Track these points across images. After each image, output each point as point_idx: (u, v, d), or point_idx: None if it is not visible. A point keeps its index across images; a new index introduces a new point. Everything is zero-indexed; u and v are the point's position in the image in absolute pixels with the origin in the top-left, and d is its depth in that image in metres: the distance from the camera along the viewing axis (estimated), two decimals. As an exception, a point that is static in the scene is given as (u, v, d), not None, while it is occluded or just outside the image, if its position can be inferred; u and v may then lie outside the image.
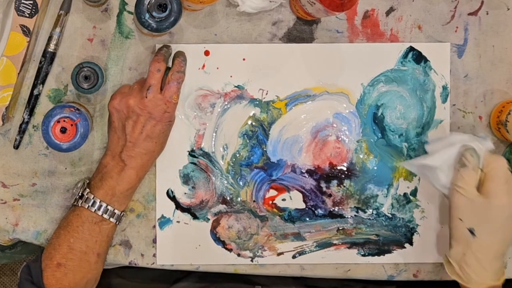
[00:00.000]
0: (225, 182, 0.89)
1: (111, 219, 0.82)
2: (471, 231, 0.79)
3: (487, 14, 0.90)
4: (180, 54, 0.84)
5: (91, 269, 0.82)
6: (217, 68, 0.88)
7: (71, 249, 0.80)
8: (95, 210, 0.81)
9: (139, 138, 0.80)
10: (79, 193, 0.82)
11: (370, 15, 0.89)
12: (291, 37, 0.89)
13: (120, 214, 0.82)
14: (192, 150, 0.88)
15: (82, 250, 0.81)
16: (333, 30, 0.89)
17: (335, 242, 0.90)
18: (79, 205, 0.81)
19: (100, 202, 0.81)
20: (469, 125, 0.90)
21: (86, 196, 0.81)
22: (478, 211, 0.79)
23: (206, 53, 0.88)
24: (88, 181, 0.83)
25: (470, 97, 0.90)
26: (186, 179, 0.88)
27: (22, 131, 0.86)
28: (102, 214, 0.81)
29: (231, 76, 0.88)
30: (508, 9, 0.90)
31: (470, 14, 0.90)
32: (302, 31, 0.89)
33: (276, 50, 0.88)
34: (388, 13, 0.89)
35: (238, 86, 0.88)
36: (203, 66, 0.88)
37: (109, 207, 0.81)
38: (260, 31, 0.88)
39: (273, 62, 0.88)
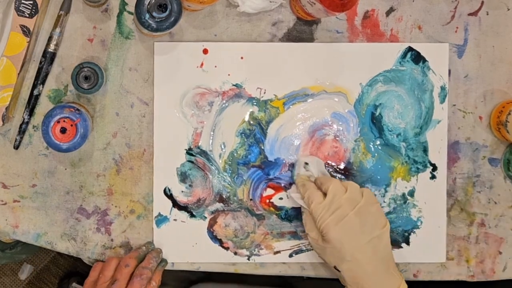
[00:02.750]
0: (222, 180, 0.89)
1: None
2: (336, 268, 0.81)
3: (487, 14, 0.90)
4: (154, 251, 0.86)
5: None
6: (215, 66, 0.88)
7: None
8: None
9: None
10: None
11: (370, 15, 0.89)
12: (291, 37, 0.89)
13: None
14: (190, 148, 0.88)
15: None
16: (333, 31, 0.89)
17: (332, 241, 0.90)
18: None
19: None
20: (469, 125, 0.90)
21: None
22: (327, 250, 0.81)
23: (205, 51, 0.88)
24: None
25: (470, 97, 0.90)
26: (183, 177, 0.88)
27: (22, 131, 0.86)
28: None
29: (229, 75, 0.88)
30: (508, 9, 0.90)
31: (470, 14, 0.90)
32: (302, 31, 0.89)
33: (275, 49, 0.88)
34: (388, 13, 0.89)
35: (236, 85, 0.88)
36: (201, 64, 0.88)
37: None
38: (260, 31, 0.88)
39: (272, 61, 0.88)
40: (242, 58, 0.88)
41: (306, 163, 0.86)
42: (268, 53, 0.88)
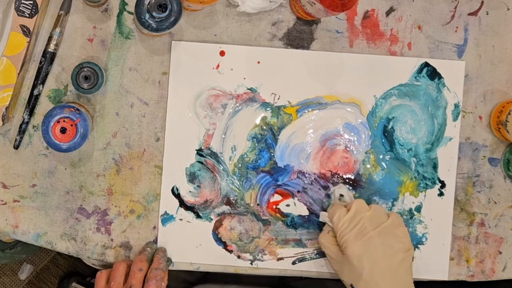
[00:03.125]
0: (231, 183, 0.88)
1: None
2: (353, 287, 0.79)
3: (487, 14, 0.90)
4: (160, 251, 0.86)
5: None
6: (231, 69, 0.88)
7: None
8: None
9: None
10: None
11: (370, 15, 0.89)
12: (291, 37, 0.88)
13: None
14: (200, 149, 0.88)
15: None
16: (333, 31, 0.89)
17: (336, 251, 0.90)
18: None
19: None
20: (469, 125, 0.90)
21: None
22: (345, 267, 0.80)
23: (222, 53, 0.88)
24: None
25: (470, 97, 0.90)
26: (192, 177, 0.88)
27: (22, 131, 0.86)
28: None
29: (244, 78, 0.88)
30: (508, 9, 0.90)
31: (470, 14, 0.90)
32: (302, 31, 0.89)
33: (292, 56, 0.88)
34: (388, 13, 0.89)
35: (250, 89, 0.88)
36: (218, 66, 0.88)
37: None
38: (260, 31, 0.88)
39: (288, 67, 0.88)
40: (259, 62, 0.88)
41: (341, 195, 0.87)
42: (285, 60, 0.88)
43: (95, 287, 0.84)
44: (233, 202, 0.88)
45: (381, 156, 0.89)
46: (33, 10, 0.81)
